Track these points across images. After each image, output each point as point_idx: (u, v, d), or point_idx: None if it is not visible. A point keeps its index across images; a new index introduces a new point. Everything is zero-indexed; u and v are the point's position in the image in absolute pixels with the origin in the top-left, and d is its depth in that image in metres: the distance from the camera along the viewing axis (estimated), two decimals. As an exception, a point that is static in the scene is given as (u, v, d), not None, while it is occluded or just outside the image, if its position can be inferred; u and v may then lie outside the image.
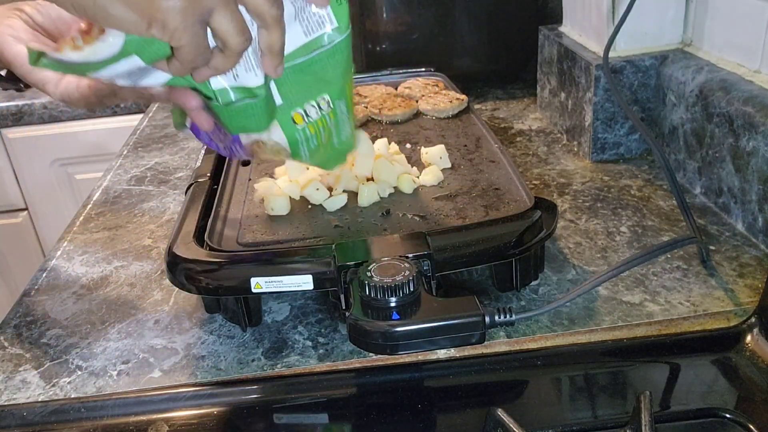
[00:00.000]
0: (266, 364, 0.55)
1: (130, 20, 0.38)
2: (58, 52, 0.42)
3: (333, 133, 0.53)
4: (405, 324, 0.46)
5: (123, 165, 0.98)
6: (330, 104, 0.51)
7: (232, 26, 0.40)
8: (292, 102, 0.50)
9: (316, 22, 0.46)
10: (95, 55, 0.41)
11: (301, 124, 0.51)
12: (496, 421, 0.43)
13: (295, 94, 0.49)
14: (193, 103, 0.47)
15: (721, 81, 0.71)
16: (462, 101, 0.85)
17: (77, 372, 0.56)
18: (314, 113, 0.50)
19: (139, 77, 0.44)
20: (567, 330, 0.56)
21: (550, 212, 0.60)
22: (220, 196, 0.66)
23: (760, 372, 0.50)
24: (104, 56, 0.41)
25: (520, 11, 1.13)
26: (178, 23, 0.39)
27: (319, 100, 0.50)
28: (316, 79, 0.49)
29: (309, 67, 0.48)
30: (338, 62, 0.49)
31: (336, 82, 0.50)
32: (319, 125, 0.51)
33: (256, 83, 0.46)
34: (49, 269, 0.72)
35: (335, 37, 0.47)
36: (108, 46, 0.41)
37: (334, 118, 0.52)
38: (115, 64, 0.42)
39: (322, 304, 0.62)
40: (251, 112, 0.48)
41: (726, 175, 0.70)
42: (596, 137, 0.86)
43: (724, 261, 0.64)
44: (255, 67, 0.45)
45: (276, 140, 0.52)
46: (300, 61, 0.47)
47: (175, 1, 0.38)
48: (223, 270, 0.54)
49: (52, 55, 0.42)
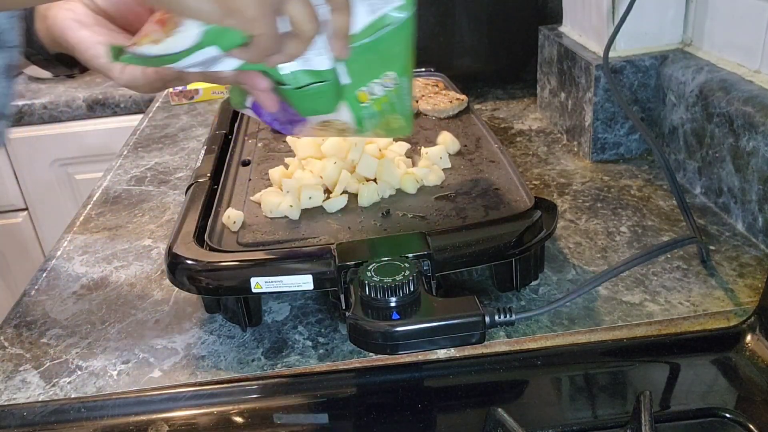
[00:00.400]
0: (266, 364, 0.55)
1: (209, 11, 0.39)
2: (138, 46, 0.42)
3: (396, 107, 0.53)
4: (405, 324, 0.46)
5: (123, 165, 0.98)
6: (395, 81, 0.51)
7: (305, 13, 0.42)
8: (359, 81, 0.50)
9: (381, 0, 0.47)
10: (174, 48, 0.42)
11: (366, 102, 0.52)
12: (496, 421, 0.43)
13: (362, 73, 0.50)
14: (263, 85, 0.48)
15: (721, 81, 0.71)
16: (462, 101, 0.85)
17: (77, 372, 0.56)
18: (379, 90, 0.51)
19: (212, 64, 0.45)
20: (567, 330, 0.56)
21: (550, 212, 0.60)
22: (220, 196, 0.66)
23: (760, 372, 0.50)
24: (182, 48, 0.42)
25: (520, 11, 1.13)
26: (256, 12, 0.39)
27: (384, 77, 0.51)
28: (381, 57, 0.50)
29: (375, 45, 0.48)
30: (403, 39, 0.49)
31: (401, 59, 0.51)
32: (383, 101, 0.52)
33: (326, 66, 0.47)
34: (49, 269, 0.72)
35: (401, 15, 0.48)
36: (186, 38, 0.41)
37: (398, 94, 0.52)
38: (192, 54, 0.42)
39: (322, 304, 0.62)
40: (321, 95, 0.49)
41: (726, 175, 0.70)
42: (596, 137, 0.86)
43: (724, 261, 0.64)
44: (324, 51, 0.46)
45: (344, 120, 0.53)
46: (367, 41, 0.48)
47: None
48: (223, 270, 0.54)
49: (132, 50, 0.42)
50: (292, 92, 0.49)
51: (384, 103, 0.52)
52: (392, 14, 0.47)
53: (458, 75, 0.99)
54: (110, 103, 1.44)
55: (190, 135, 1.08)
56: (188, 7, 0.39)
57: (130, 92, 1.46)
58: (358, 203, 0.63)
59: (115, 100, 1.44)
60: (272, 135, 0.80)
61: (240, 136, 0.81)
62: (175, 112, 1.20)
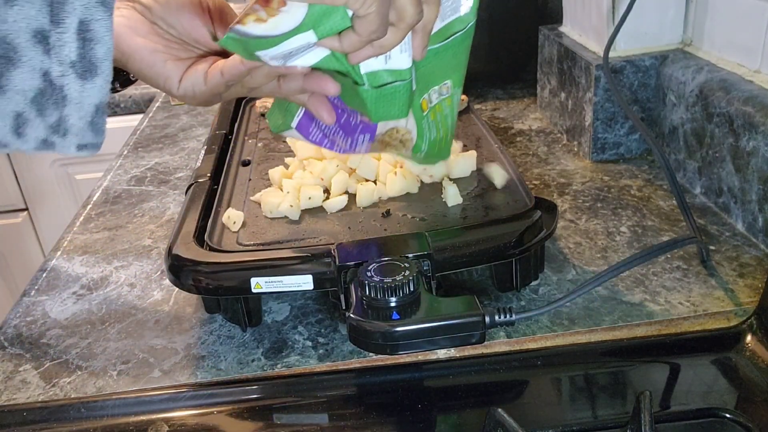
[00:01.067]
0: (266, 364, 0.55)
1: None
2: (242, 25, 0.40)
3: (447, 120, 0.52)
4: (405, 324, 0.46)
5: (123, 165, 0.98)
6: (449, 89, 0.50)
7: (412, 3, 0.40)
8: (423, 87, 0.49)
9: (451, 6, 0.46)
10: (276, 29, 0.40)
11: (426, 111, 0.51)
12: (496, 421, 0.43)
13: (427, 79, 0.49)
14: (333, 89, 0.46)
15: (721, 81, 0.71)
16: (462, 101, 0.85)
17: (77, 372, 0.56)
18: (435, 97, 0.50)
19: (296, 56, 0.43)
20: (567, 330, 0.56)
21: (550, 212, 0.60)
22: (220, 196, 0.66)
23: (760, 372, 0.50)
24: (284, 29, 0.40)
25: (520, 11, 1.12)
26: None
27: (442, 85, 0.50)
28: (444, 65, 0.49)
29: (442, 53, 0.48)
30: (466, 48, 0.48)
31: (460, 68, 0.50)
32: (437, 110, 0.51)
33: (406, 65, 0.46)
34: (49, 269, 0.72)
35: (467, 21, 0.47)
36: (290, 18, 0.40)
37: (450, 105, 0.51)
38: (290, 39, 0.41)
39: (322, 304, 0.62)
40: (398, 95, 0.47)
41: (726, 175, 0.70)
42: (596, 137, 0.86)
43: (724, 261, 0.64)
44: (406, 48, 0.45)
45: (409, 128, 0.51)
46: (435, 47, 0.47)
47: None
48: (223, 270, 0.54)
49: (236, 28, 0.40)
50: (368, 93, 0.46)
51: (437, 113, 0.51)
52: (460, 20, 0.47)
53: (458, 75, 0.99)
54: (110, 103, 1.44)
55: (190, 135, 1.08)
56: None
57: (130, 92, 1.46)
58: (356, 204, 0.63)
59: (115, 101, 1.44)
60: (272, 135, 0.80)
61: (240, 136, 0.81)
62: (175, 112, 1.20)
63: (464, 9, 0.46)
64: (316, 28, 0.41)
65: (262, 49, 0.42)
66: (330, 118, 0.48)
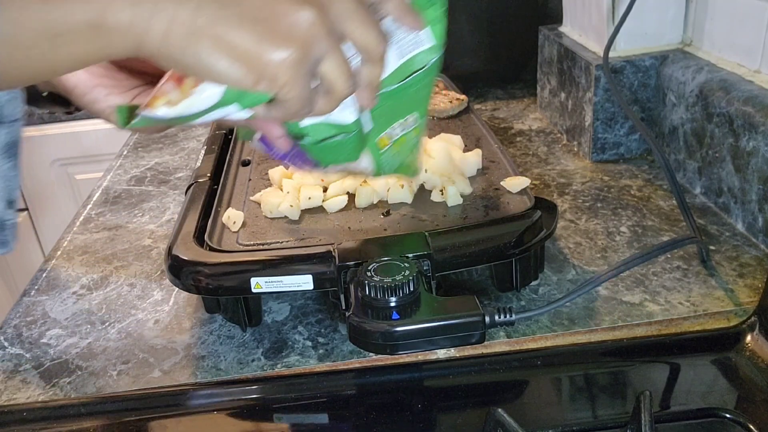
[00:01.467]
0: (266, 364, 0.55)
1: (237, 76, 0.36)
2: (152, 109, 0.38)
3: (413, 148, 0.50)
4: (405, 324, 0.46)
5: (123, 165, 0.98)
6: (416, 121, 0.47)
7: (341, 71, 0.38)
8: (382, 126, 0.47)
9: (411, 42, 0.42)
10: (191, 108, 0.38)
11: (386, 147, 0.48)
12: (496, 421, 0.43)
13: (385, 118, 0.46)
14: (277, 133, 0.44)
15: (721, 81, 0.71)
16: (462, 101, 0.85)
17: (77, 372, 0.56)
18: (399, 131, 0.47)
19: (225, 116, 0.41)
20: (567, 330, 0.56)
21: (550, 212, 0.60)
22: (220, 196, 0.66)
23: (760, 372, 0.50)
24: (201, 108, 0.38)
25: (520, 11, 1.12)
26: (289, 76, 0.36)
27: (406, 119, 0.47)
28: (408, 100, 0.46)
29: (403, 91, 0.45)
30: (429, 82, 0.45)
31: (424, 102, 0.47)
32: (401, 141, 0.48)
33: (351, 119, 0.43)
34: (49, 269, 0.72)
35: (431, 57, 0.43)
36: (206, 99, 0.38)
37: (417, 134, 0.49)
38: (211, 113, 0.39)
39: (322, 304, 0.62)
40: (343, 147, 0.45)
41: (726, 175, 0.70)
42: (596, 137, 0.86)
43: (724, 261, 0.64)
44: (351, 103, 0.42)
45: (364, 167, 0.49)
46: (394, 88, 0.44)
47: (286, 54, 0.36)
48: (223, 270, 0.54)
49: (145, 113, 0.38)
50: (311, 146, 0.45)
51: (402, 144, 0.49)
52: (421, 57, 0.43)
53: (458, 75, 0.99)
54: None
55: (190, 135, 1.08)
56: (215, 72, 0.36)
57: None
58: (356, 204, 0.63)
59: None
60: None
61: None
62: (175, 112, 1.20)
63: (427, 44, 0.43)
64: (240, 101, 0.38)
65: (181, 123, 0.40)
66: (285, 147, 0.46)
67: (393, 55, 0.43)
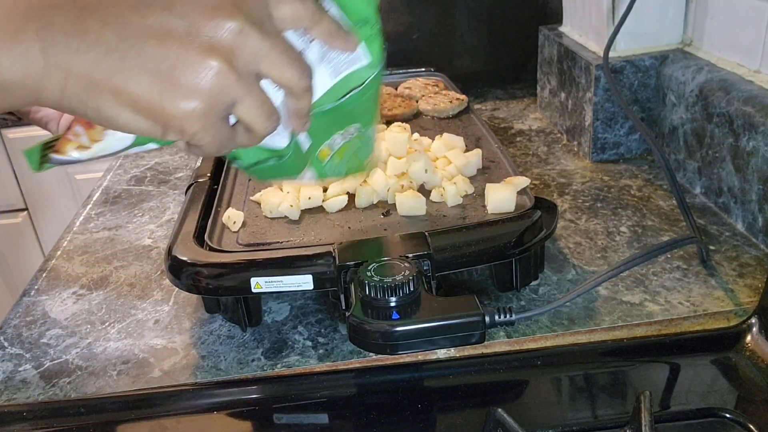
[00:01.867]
0: (266, 364, 0.55)
1: (142, 128, 0.35)
2: (62, 154, 0.37)
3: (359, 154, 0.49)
4: (405, 324, 0.46)
5: (123, 165, 0.98)
6: (358, 131, 0.46)
7: (258, 113, 0.37)
8: (320, 140, 0.46)
9: (346, 61, 0.41)
10: (105, 150, 0.38)
11: (327, 157, 0.47)
12: (496, 421, 0.43)
13: (324, 133, 0.45)
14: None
15: (721, 81, 0.71)
16: (462, 101, 0.85)
17: (77, 372, 0.56)
18: (339, 140, 0.46)
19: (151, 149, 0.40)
20: (567, 330, 0.56)
21: (550, 212, 0.60)
22: (220, 196, 0.66)
23: (760, 372, 0.50)
24: (115, 149, 0.38)
25: (520, 11, 1.13)
26: (198, 127, 0.35)
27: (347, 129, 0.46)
28: (346, 115, 0.45)
29: (340, 108, 0.43)
30: (370, 97, 0.44)
31: (368, 113, 0.46)
32: (344, 150, 0.47)
33: (283, 144, 0.42)
34: (49, 269, 0.72)
35: (368, 74, 0.42)
36: (118, 141, 0.37)
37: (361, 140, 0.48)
38: (128, 150, 0.39)
39: (322, 304, 0.62)
40: (278, 169, 0.44)
41: (726, 175, 0.70)
42: (596, 137, 0.86)
43: (724, 261, 0.64)
44: (281, 130, 0.41)
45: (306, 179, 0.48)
46: (330, 107, 0.43)
47: (192, 107, 0.34)
48: (223, 270, 0.54)
49: (56, 158, 0.38)
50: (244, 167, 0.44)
51: (345, 151, 0.47)
52: (358, 74, 0.41)
53: (458, 75, 0.99)
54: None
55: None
56: (119, 125, 0.35)
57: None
58: (355, 204, 0.63)
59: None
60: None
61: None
62: (175, 112, 1.20)
63: (363, 61, 0.41)
64: (155, 141, 0.38)
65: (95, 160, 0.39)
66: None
67: (326, 75, 0.41)
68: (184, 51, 0.33)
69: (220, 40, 0.34)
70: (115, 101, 0.34)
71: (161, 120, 0.34)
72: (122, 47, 0.33)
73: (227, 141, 0.37)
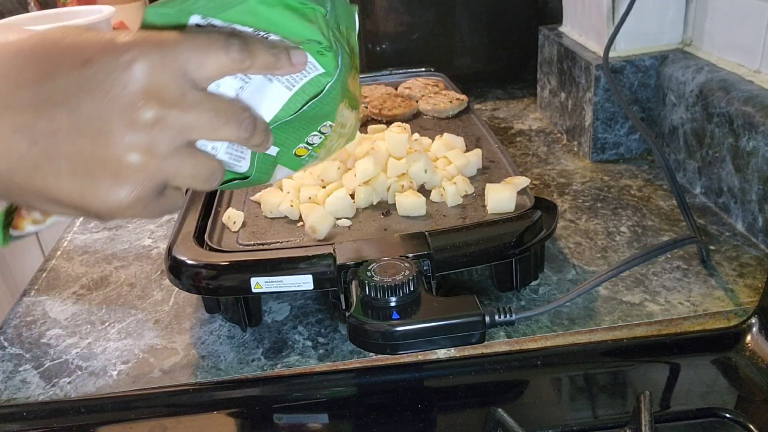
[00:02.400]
0: (266, 364, 0.55)
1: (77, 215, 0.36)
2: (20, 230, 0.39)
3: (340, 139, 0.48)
4: (405, 324, 0.46)
5: (123, 165, 0.98)
6: (331, 125, 0.45)
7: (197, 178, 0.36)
8: (291, 145, 0.45)
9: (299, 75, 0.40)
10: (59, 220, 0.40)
11: (305, 155, 0.46)
12: (496, 421, 0.43)
13: (293, 139, 0.44)
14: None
15: (721, 81, 0.71)
16: (462, 101, 0.85)
17: (77, 372, 0.56)
18: (317, 139, 0.45)
19: None
20: (567, 330, 0.56)
21: (550, 212, 0.60)
22: (220, 196, 0.66)
23: (760, 372, 0.50)
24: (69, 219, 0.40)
25: (520, 11, 1.13)
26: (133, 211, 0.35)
27: (321, 127, 0.45)
28: (314, 119, 0.44)
29: (304, 114, 0.42)
30: (334, 96, 0.42)
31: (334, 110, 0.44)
32: (324, 143, 0.46)
33: (244, 169, 0.42)
34: (49, 269, 0.72)
35: (326, 81, 0.41)
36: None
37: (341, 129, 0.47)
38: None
39: (322, 304, 0.62)
40: (242, 185, 0.44)
41: (726, 175, 0.70)
42: (596, 137, 0.86)
43: (724, 261, 0.64)
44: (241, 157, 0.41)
45: (281, 177, 0.48)
46: (291, 118, 0.42)
47: (119, 196, 0.34)
48: (223, 270, 0.54)
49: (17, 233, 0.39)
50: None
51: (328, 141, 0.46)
52: (315, 83, 0.41)
53: (458, 75, 0.99)
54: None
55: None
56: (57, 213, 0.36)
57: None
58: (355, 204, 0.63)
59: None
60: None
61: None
62: (175, 112, 1.20)
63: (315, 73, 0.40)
64: None
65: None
66: None
67: (282, 88, 0.40)
68: (99, 151, 0.33)
69: (135, 135, 0.33)
70: (41, 200, 0.34)
71: (92, 212, 0.34)
72: (33, 153, 0.32)
73: (172, 204, 0.37)
